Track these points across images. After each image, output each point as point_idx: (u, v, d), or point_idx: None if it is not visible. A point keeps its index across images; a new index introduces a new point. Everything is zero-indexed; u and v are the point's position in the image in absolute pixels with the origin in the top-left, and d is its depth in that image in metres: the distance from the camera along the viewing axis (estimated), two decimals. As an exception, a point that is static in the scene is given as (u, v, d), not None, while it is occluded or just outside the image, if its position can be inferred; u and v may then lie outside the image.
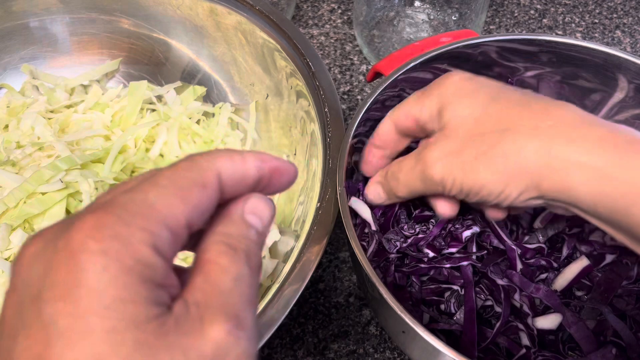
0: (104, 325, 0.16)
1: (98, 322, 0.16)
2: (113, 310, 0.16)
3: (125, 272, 0.16)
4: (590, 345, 0.36)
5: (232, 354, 0.17)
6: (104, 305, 0.16)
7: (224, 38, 0.52)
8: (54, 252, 0.17)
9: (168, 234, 0.18)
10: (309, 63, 0.44)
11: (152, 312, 0.17)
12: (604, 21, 0.70)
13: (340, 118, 0.41)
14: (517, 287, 0.38)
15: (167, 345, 0.16)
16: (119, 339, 0.16)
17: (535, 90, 0.47)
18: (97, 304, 0.16)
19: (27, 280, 0.17)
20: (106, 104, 0.53)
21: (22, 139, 0.49)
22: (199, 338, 0.17)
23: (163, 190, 0.18)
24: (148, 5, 0.53)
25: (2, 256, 0.40)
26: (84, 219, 0.17)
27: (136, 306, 0.16)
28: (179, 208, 0.18)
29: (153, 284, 0.17)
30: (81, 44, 0.55)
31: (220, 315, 0.18)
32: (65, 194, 0.42)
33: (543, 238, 0.40)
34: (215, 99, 0.54)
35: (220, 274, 0.19)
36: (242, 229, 0.20)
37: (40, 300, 0.16)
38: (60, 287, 0.16)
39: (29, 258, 0.18)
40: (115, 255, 0.16)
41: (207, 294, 0.18)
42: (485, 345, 0.37)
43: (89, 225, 0.17)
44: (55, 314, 0.16)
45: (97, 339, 0.16)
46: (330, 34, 0.67)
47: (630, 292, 0.38)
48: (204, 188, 0.19)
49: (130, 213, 0.17)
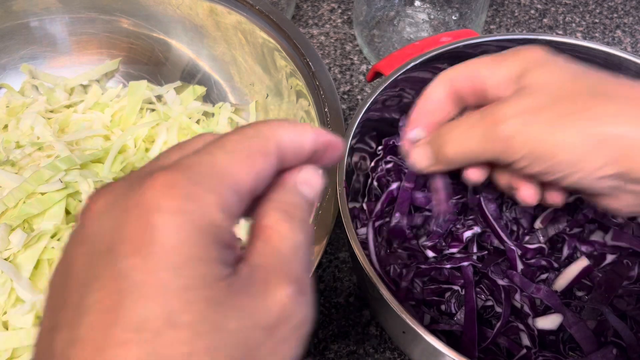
0: (177, 283, 0.16)
1: (171, 279, 0.16)
2: (186, 268, 0.16)
3: (198, 232, 0.17)
4: (591, 345, 0.36)
5: (295, 318, 0.18)
6: (178, 264, 0.16)
7: (224, 38, 0.52)
8: (125, 208, 0.17)
9: (235, 198, 0.18)
10: (309, 63, 0.44)
11: (222, 272, 0.17)
12: (605, 21, 0.70)
13: (340, 118, 0.41)
14: (517, 287, 0.38)
15: (236, 305, 0.17)
16: (191, 296, 0.16)
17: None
18: (171, 262, 0.16)
19: (97, 235, 0.17)
20: (106, 103, 0.53)
21: (21, 139, 0.49)
22: (265, 300, 0.17)
23: (231, 156, 0.18)
24: (148, 5, 0.53)
25: (2, 256, 0.40)
26: (155, 177, 0.17)
27: (207, 265, 0.17)
28: (245, 174, 0.19)
29: (222, 245, 0.17)
30: (81, 44, 0.55)
31: (284, 279, 0.18)
32: (65, 194, 0.42)
33: (544, 238, 0.40)
34: (215, 99, 0.54)
35: (281, 240, 0.19)
36: (297, 198, 0.21)
37: (113, 254, 0.17)
38: (134, 243, 0.16)
39: (98, 212, 0.18)
40: (187, 215, 0.17)
41: (270, 259, 0.19)
42: (486, 346, 0.37)
43: (161, 184, 0.17)
44: (129, 269, 0.16)
45: (170, 296, 0.16)
46: (330, 33, 0.67)
47: (630, 292, 0.38)
48: (267, 156, 0.19)
49: (201, 175, 0.18)
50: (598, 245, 0.40)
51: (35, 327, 0.39)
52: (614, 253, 0.39)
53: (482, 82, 0.30)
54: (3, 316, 0.39)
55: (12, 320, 0.39)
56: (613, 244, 0.39)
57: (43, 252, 0.41)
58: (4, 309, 0.39)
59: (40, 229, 0.41)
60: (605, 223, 0.40)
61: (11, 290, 0.39)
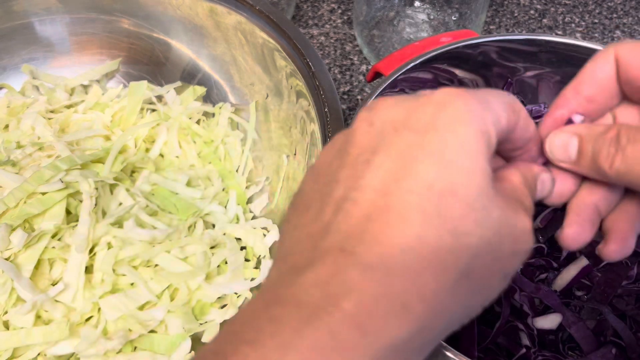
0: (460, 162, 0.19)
1: (454, 157, 0.19)
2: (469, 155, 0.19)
3: (480, 133, 0.19)
4: (590, 345, 0.36)
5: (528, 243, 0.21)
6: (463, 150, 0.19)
7: (224, 38, 0.52)
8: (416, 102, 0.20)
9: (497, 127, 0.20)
10: (309, 63, 0.44)
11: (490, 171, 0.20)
12: (604, 21, 0.70)
13: (340, 118, 0.41)
14: (517, 287, 0.38)
15: (499, 203, 0.19)
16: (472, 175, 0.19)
17: (534, 92, 0.48)
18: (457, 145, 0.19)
19: (387, 118, 0.20)
20: (106, 104, 0.53)
21: (22, 139, 0.49)
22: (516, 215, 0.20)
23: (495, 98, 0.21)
24: (148, 5, 0.53)
25: (2, 256, 0.40)
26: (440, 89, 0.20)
27: (484, 159, 0.19)
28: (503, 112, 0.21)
29: (490, 149, 0.20)
30: (81, 44, 0.55)
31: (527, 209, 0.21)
32: (66, 194, 0.42)
33: (543, 238, 0.40)
34: (215, 99, 0.54)
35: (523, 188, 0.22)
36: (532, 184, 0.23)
37: (403, 129, 0.19)
38: (426, 119, 0.19)
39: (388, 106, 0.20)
40: (472, 114, 0.19)
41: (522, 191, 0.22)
42: (485, 345, 0.37)
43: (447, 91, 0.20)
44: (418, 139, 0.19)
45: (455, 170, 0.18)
46: (330, 34, 0.67)
47: (630, 292, 0.38)
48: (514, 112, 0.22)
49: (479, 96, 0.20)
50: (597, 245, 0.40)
51: (35, 327, 0.39)
52: (613, 253, 0.39)
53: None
54: (4, 316, 0.39)
55: (13, 320, 0.39)
56: (612, 244, 0.39)
57: (43, 252, 0.41)
58: (5, 309, 0.39)
59: (41, 229, 0.41)
60: (605, 223, 0.40)
61: (12, 290, 0.40)
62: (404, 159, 0.19)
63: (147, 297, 0.41)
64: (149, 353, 0.40)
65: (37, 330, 0.39)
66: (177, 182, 0.48)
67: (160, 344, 0.40)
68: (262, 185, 0.50)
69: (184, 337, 0.40)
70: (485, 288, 0.20)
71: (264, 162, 0.51)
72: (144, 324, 0.40)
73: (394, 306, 0.17)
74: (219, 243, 0.46)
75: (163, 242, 0.43)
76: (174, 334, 0.41)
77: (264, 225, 0.47)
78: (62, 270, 0.41)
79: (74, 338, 0.39)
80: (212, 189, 0.49)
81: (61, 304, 0.40)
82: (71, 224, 0.43)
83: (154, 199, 0.46)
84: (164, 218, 0.46)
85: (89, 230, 0.41)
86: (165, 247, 0.43)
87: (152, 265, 0.43)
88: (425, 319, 0.18)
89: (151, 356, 0.40)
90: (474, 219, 0.18)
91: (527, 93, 0.47)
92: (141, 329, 0.40)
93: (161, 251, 0.43)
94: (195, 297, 0.43)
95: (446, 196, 0.18)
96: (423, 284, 0.18)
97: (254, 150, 0.51)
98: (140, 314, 0.41)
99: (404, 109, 0.20)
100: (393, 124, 0.20)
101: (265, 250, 0.45)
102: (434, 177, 0.18)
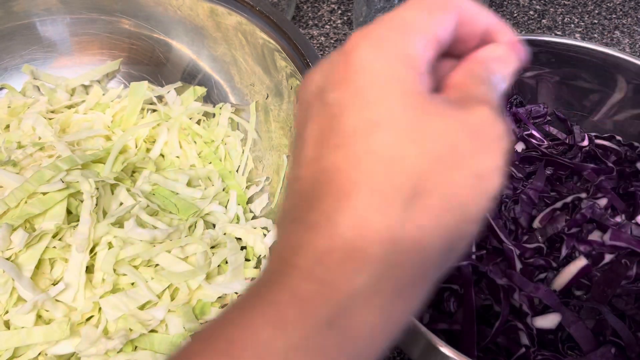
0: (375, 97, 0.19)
1: (369, 97, 0.19)
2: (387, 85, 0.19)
3: (393, 60, 0.19)
4: (590, 344, 0.36)
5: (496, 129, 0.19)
6: (379, 83, 0.19)
7: (224, 38, 0.52)
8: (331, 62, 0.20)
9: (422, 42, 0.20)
10: (309, 63, 0.44)
11: (419, 87, 0.19)
12: (603, 22, 0.71)
13: (340, 118, 0.41)
14: (516, 286, 0.38)
15: (439, 112, 0.19)
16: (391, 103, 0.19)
17: (533, 92, 0.48)
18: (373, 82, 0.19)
19: (311, 89, 0.21)
20: (107, 104, 0.53)
21: (23, 139, 0.49)
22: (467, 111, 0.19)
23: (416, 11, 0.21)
24: (149, 5, 0.53)
25: (3, 256, 0.40)
26: (353, 34, 0.20)
27: (405, 82, 0.19)
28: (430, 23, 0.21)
29: (416, 70, 0.20)
30: (82, 45, 0.55)
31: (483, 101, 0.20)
32: (66, 194, 0.42)
33: (542, 238, 0.40)
34: (215, 99, 0.54)
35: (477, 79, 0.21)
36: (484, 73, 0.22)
37: (323, 93, 0.20)
38: (338, 78, 0.20)
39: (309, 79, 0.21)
40: (384, 48, 0.19)
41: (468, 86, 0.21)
42: (485, 345, 0.37)
43: (357, 34, 0.20)
44: (336, 97, 0.19)
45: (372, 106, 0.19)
46: (330, 34, 0.67)
47: (629, 291, 0.38)
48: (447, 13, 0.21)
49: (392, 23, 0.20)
50: (596, 245, 0.40)
51: (36, 326, 0.39)
52: (612, 253, 0.39)
53: None
54: (4, 315, 0.40)
55: (14, 320, 0.39)
56: (611, 244, 0.39)
57: (44, 251, 0.41)
58: (6, 308, 0.39)
59: (42, 229, 0.41)
60: (604, 223, 0.40)
61: (12, 289, 0.40)
62: (329, 122, 0.19)
63: (147, 297, 0.41)
64: (150, 352, 0.40)
65: (38, 330, 0.39)
66: (177, 182, 0.48)
67: (161, 344, 0.40)
68: (263, 185, 0.50)
69: (185, 337, 0.40)
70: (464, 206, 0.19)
71: (264, 162, 0.51)
72: (145, 324, 0.40)
73: (346, 252, 0.17)
74: (219, 243, 0.46)
75: (163, 242, 0.44)
76: (174, 333, 0.41)
77: (264, 225, 0.47)
78: (62, 270, 0.42)
79: (74, 338, 0.39)
80: (212, 189, 0.49)
81: (62, 303, 0.40)
82: (72, 224, 0.43)
83: (154, 199, 0.47)
84: (165, 218, 0.46)
85: (89, 230, 0.42)
86: (166, 247, 0.43)
87: (153, 265, 0.44)
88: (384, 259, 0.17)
89: (152, 356, 0.40)
90: (410, 139, 0.18)
91: (527, 93, 0.48)
92: (142, 328, 0.40)
93: (162, 251, 0.43)
94: (196, 296, 0.43)
95: (372, 133, 0.18)
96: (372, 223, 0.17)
97: (254, 151, 0.52)
98: (141, 313, 0.41)
99: (321, 75, 0.21)
100: (315, 94, 0.20)
101: (265, 250, 0.46)
102: (355, 124, 0.19)
